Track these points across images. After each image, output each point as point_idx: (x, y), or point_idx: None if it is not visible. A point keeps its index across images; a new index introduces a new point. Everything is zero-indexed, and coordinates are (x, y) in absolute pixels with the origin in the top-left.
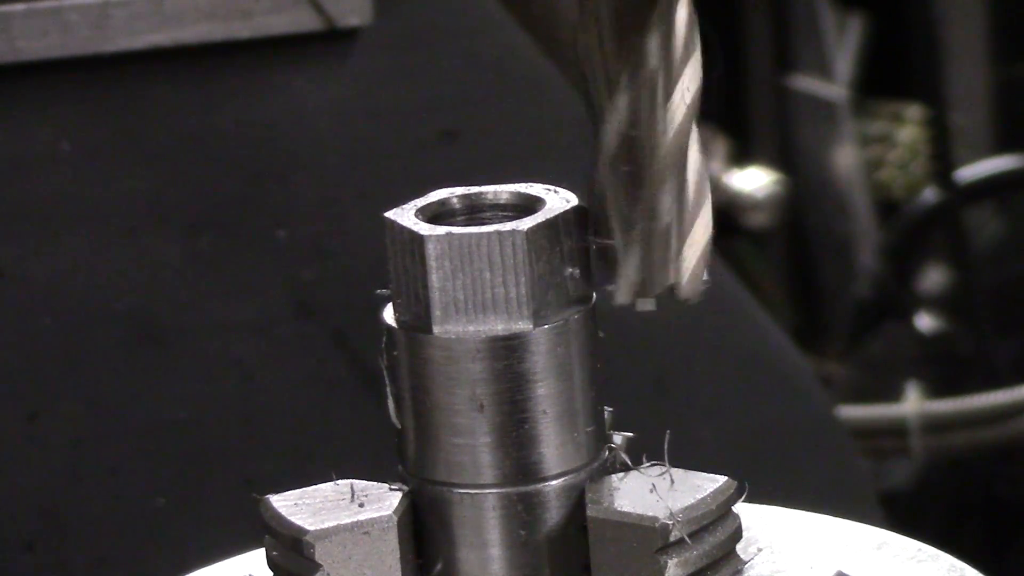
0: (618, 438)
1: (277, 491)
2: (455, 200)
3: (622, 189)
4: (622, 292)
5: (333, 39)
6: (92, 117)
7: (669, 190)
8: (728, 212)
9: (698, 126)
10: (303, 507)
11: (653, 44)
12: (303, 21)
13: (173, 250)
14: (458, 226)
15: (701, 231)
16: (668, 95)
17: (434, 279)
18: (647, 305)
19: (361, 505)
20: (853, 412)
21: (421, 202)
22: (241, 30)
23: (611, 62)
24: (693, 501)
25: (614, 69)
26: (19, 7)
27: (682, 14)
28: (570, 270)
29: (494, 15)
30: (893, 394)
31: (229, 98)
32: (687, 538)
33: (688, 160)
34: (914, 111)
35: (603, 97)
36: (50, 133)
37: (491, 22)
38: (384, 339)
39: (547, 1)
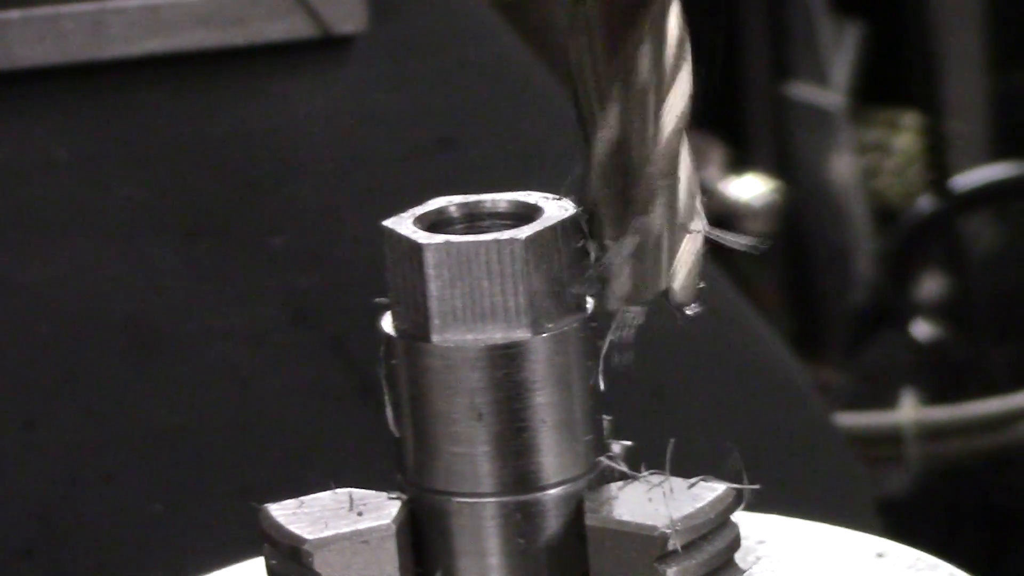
0: (617, 447)
1: (274, 499)
2: (453, 208)
3: (613, 196)
4: (615, 297)
5: (328, 46)
6: (88, 124)
7: (660, 198)
8: (725, 220)
9: (690, 135)
10: (302, 516)
11: (644, 56)
12: (298, 28)
13: (169, 257)
14: (456, 235)
15: (693, 238)
16: (659, 103)
17: (433, 288)
18: (637, 315)
19: (360, 514)
20: (850, 420)
21: (419, 210)
22: (236, 37)
23: (602, 71)
24: (692, 510)
25: (606, 78)
26: (15, 14)
27: (673, 24)
28: (568, 278)
29: (490, 22)
30: (890, 402)
31: (225, 105)
32: (686, 547)
33: (680, 168)
34: (911, 119)
35: (594, 106)
36: (46, 140)
37: (488, 29)
38: (383, 348)
39: (544, 8)
